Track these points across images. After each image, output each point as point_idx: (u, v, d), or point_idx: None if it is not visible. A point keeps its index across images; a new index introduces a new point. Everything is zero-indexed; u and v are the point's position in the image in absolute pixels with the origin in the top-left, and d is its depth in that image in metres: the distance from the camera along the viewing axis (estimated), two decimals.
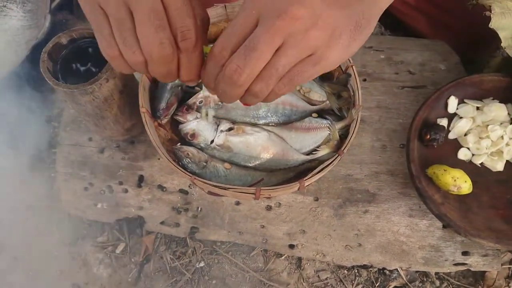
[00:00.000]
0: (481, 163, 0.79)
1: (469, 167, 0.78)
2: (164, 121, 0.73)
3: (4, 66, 1.02)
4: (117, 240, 0.89)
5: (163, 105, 0.71)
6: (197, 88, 0.76)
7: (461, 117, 0.80)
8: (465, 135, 0.80)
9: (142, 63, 0.40)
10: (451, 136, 0.80)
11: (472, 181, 0.73)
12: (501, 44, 0.73)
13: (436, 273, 0.83)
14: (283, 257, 0.85)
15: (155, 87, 0.74)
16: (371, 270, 0.84)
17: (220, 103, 0.72)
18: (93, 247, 0.89)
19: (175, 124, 0.76)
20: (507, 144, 0.78)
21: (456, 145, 0.80)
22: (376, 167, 0.83)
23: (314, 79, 0.78)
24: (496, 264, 0.78)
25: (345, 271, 0.84)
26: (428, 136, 0.76)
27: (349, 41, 0.40)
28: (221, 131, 0.72)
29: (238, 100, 0.43)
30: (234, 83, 0.39)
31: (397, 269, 0.83)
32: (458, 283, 0.83)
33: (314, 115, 0.75)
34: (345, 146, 0.65)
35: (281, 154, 0.71)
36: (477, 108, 0.81)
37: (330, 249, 0.80)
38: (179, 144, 0.73)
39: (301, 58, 0.39)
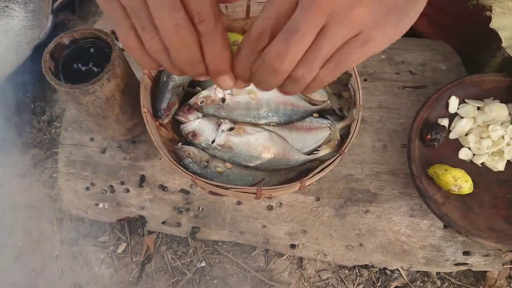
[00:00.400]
0: (482, 163, 0.79)
1: (470, 167, 0.78)
2: (166, 121, 0.73)
3: (6, 66, 1.03)
4: (118, 240, 0.89)
5: (164, 105, 0.72)
6: (198, 88, 0.77)
7: (462, 117, 0.80)
8: (466, 135, 0.80)
9: (162, 50, 0.38)
10: (452, 136, 0.80)
11: (473, 181, 0.73)
12: (502, 44, 0.73)
13: (437, 273, 0.83)
14: (284, 257, 0.85)
15: (157, 87, 0.74)
16: (372, 270, 0.84)
17: (221, 103, 0.72)
18: (94, 246, 0.89)
19: (176, 124, 0.77)
20: (508, 144, 0.78)
21: (457, 145, 0.80)
22: (377, 167, 0.83)
23: None
24: (497, 264, 0.78)
25: (346, 271, 0.84)
26: (429, 136, 0.76)
27: (398, 17, 0.37)
28: (222, 131, 0.72)
29: (274, 90, 0.40)
30: (275, 70, 0.36)
31: (398, 269, 0.83)
32: (459, 283, 0.83)
33: (315, 115, 0.75)
34: (346, 146, 0.66)
35: (282, 154, 0.71)
36: (478, 108, 0.81)
37: (331, 249, 0.80)
38: (180, 144, 0.73)
39: (346, 38, 0.36)
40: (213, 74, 0.39)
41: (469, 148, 0.79)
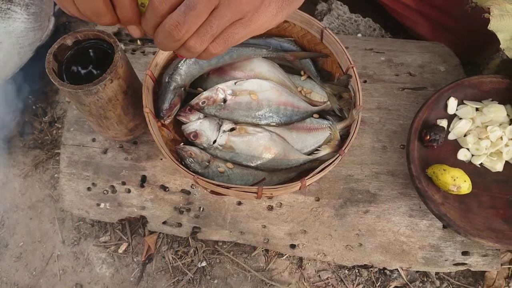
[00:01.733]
0: (481, 164, 0.80)
1: (468, 168, 0.79)
2: (167, 121, 0.73)
3: (8, 67, 1.03)
4: (119, 240, 0.89)
5: (166, 105, 0.72)
6: (199, 89, 0.77)
7: (460, 118, 0.81)
8: (465, 136, 0.81)
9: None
10: (450, 137, 0.81)
11: (471, 181, 0.74)
12: (500, 46, 0.74)
13: (436, 273, 0.84)
14: (284, 257, 0.86)
15: (158, 88, 0.75)
16: (371, 270, 0.84)
17: (222, 103, 0.72)
18: (96, 246, 0.89)
19: (178, 125, 0.77)
20: (506, 145, 0.78)
21: (456, 145, 0.81)
22: (377, 168, 0.83)
23: (315, 80, 0.78)
24: (496, 264, 0.79)
25: (346, 271, 0.84)
26: (428, 137, 0.77)
27: (277, 10, 0.47)
28: (224, 131, 0.73)
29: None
30: (172, 37, 0.42)
31: (397, 269, 0.83)
32: (458, 283, 0.83)
33: (315, 115, 0.76)
34: (346, 146, 0.66)
35: (282, 154, 0.72)
36: (477, 109, 0.81)
37: (331, 249, 0.81)
38: (182, 144, 0.74)
39: (233, 20, 0.44)
40: (123, 23, 0.45)
41: (468, 149, 0.80)
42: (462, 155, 0.80)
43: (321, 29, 0.74)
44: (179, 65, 0.74)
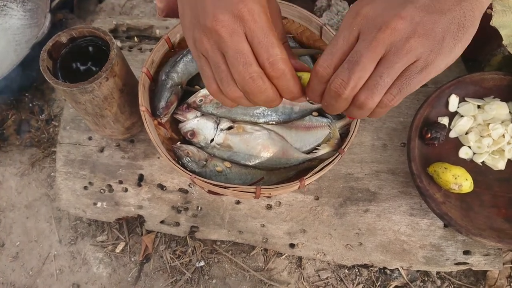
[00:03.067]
0: (482, 162, 0.79)
1: (470, 166, 0.78)
2: (164, 119, 0.72)
3: (5, 65, 1.02)
4: (116, 239, 0.89)
5: (163, 103, 0.71)
6: (196, 87, 0.76)
7: (462, 116, 0.80)
8: (466, 133, 0.80)
9: (240, 97, 0.45)
10: (452, 134, 0.80)
11: (473, 180, 0.73)
12: (502, 42, 0.73)
13: (437, 273, 0.83)
14: (283, 256, 0.85)
15: (155, 85, 0.74)
16: (371, 270, 0.83)
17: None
18: (93, 246, 0.89)
19: (175, 123, 0.76)
20: (508, 143, 0.77)
21: (457, 143, 0.80)
22: (377, 166, 0.82)
23: None
24: (498, 264, 0.78)
25: (346, 271, 0.84)
26: (429, 135, 0.76)
27: (453, 43, 0.40)
28: (221, 129, 0.72)
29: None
30: (339, 96, 0.41)
31: (398, 268, 0.82)
32: (460, 282, 0.82)
33: (315, 113, 0.75)
34: (346, 145, 0.65)
35: (281, 153, 0.71)
36: (478, 106, 0.80)
37: (330, 248, 0.80)
38: (179, 143, 0.73)
39: (405, 65, 0.40)
40: (290, 101, 0.48)
41: (470, 147, 0.79)
42: (464, 153, 0.79)
43: (320, 26, 0.73)
44: (176, 63, 0.73)
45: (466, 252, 0.78)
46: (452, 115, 0.81)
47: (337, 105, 0.43)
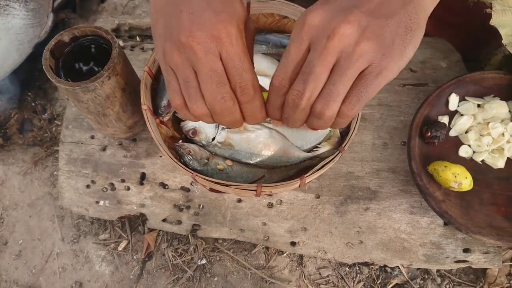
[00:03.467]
0: (482, 160, 0.79)
1: (470, 164, 0.78)
2: (166, 118, 0.73)
3: (7, 64, 1.03)
4: (119, 237, 0.89)
5: (165, 102, 0.72)
6: None
7: (462, 115, 0.80)
8: (466, 132, 0.80)
9: (206, 115, 0.46)
10: (452, 133, 0.80)
11: (473, 178, 0.73)
12: (502, 41, 0.73)
13: (437, 271, 0.83)
14: (284, 255, 0.85)
15: (157, 84, 0.75)
16: (372, 268, 0.84)
17: None
18: (95, 244, 0.89)
19: (176, 122, 0.77)
20: (508, 141, 0.78)
21: (457, 142, 0.80)
22: (377, 165, 0.83)
23: None
24: (497, 261, 0.78)
25: (347, 268, 0.84)
26: (429, 134, 0.76)
27: (403, 46, 0.41)
28: (223, 128, 0.72)
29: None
30: (296, 107, 0.42)
31: (398, 266, 0.83)
32: (459, 280, 0.83)
33: None
34: (346, 143, 0.66)
35: (282, 151, 0.71)
36: (478, 105, 0.81)
37: (331, 247, 0.80)
38: (180, 141, 0.73)
39: (358, 71, 0.40)
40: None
41: (469, 146, 0.79)
42: (464, 151, 0.79)
43: None
44: None
45: (466, 250, 0.78)
46: (452, 114, 0.81)
47: (296, 116, 0.43)
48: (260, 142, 0.71)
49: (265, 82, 0.74)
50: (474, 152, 0.79)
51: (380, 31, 0.39)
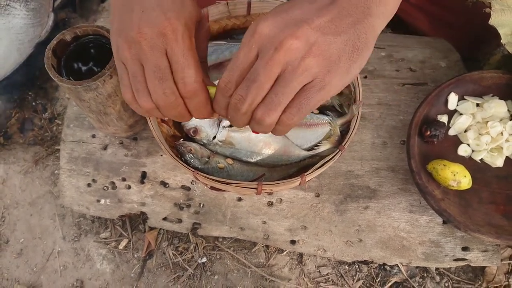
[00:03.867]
0: (481, 159, 0.79)
1: (469, 163, 0.78)
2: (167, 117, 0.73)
3: (8, 64, 1.03)
4: (120, 236, 0.90)
5: None
6: None
7: (461, 114, 0.81)
8: (465, 131, 0.80)
9: (153, 109, 0.47)
10: (451, 132, 0.81)
11: (472, 177, 0.74)
12: (501, 41, 0.74)
13: (436, 269, 0.84)
14: (284, 253, 0.86)
15: None
16: (371, 266, 0.84)
17: None
18: (96, 242, 0.90)
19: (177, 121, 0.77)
20: (506, 140, 0.78)
21: (456, 141, 0.81)
22: (377, 163, 0.83)
23: None
24: (496, 260, 0.79)
25: (346, 267, 0.85)
26: (428, 133, 0.77)
27: (349, 64, 0.42)
28: (223, 127, 0.72)
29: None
30: (238, 110, 0.43)
31: (397, 264, 0.83)
32: (458, 278, 0.83)
33: (315, 111, 0.76)
34: (346, 141, 0.66)
35: (282, 150, 0.72)
36: (477, 104, 0.81)
37: (331, 245, 0.81)
38: (181, 140, 0.74)
39: (301, 84, 0.41)
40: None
41: (468, 145, 0.80)
42: (463, 150, 0.80)
43: None
44: None
45: (464, 248, 0.79)
46: (451, 113, 0.82)
47: (238, 119, 0.45)
48: (261, 140, 0.72)
49: None
50: (473, 151, 0.80)
51: (327, 47, 0.40)
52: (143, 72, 0.45)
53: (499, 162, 0.78)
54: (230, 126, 0.73)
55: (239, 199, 0.82)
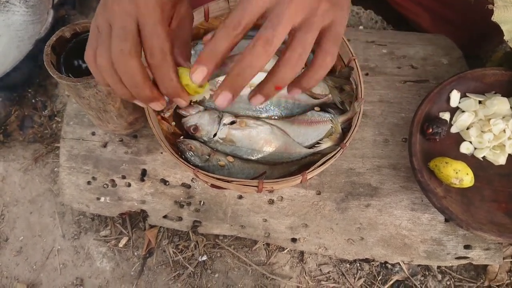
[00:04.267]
0: (483, 157, 0.79)
1: (471, 161, 0.78)
2: (167, 114, 0.73)
3: (8, 61, 1.03)
4: (120, 234, 0.89)
5: (166, 98, 0.72)
6: None
7: (463, 111, 0.80)
8: (467, 129, 0.80)
9: (108, 68, 0.45)
10: (453, 130, 0.80)
11: (474, 174, 0.73)
12: (504, 38, 0.73)
13: (438, 267, 0.84)
14: (285, 251, 0.85)
15: None
16: (373, 264, 0.84)
17: None
18: (96, 240, 0.89)
19: (178, 118, 0.77)
20: (509, 138, 0.78)
21: (458, 139, 0.80)
22: (378, 161, 0.83)
23: None
24: (498, 258, 0.78)
25: (347, 265, 0.84)
26: (430, 130, 0.76)
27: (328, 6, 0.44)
28: (224, 124, 0.72)
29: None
30: (266, 51, 0.42)
31: (399, 262, 0.83)
32: (460, 276, 0.83)
33: (317, 108, 0.75)
34: (348, 139, 0.66)
35: (283, 148, 0.71)
36: (479, 102, 0.81)
37: (332, 243, 0.80)
38: (182, 137, 0.73)
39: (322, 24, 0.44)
40: (169, 97, 0.47)
41: (471, 142, 0.79)
42: (465, 148, 0.79)
43: None
44: None
45: (466, 247, 0.79)
46: (453, 111, 0.81)
47: (259, 60, 0.43)
48: (262, 138, 0.71)
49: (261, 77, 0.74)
50: (475, 148, 0.79)
51: None
52: (111, 33, 0.45)
53: (501, 160, 0.78)
54: (231, 123, 0.72)
55: (240, 197, 0.82)
